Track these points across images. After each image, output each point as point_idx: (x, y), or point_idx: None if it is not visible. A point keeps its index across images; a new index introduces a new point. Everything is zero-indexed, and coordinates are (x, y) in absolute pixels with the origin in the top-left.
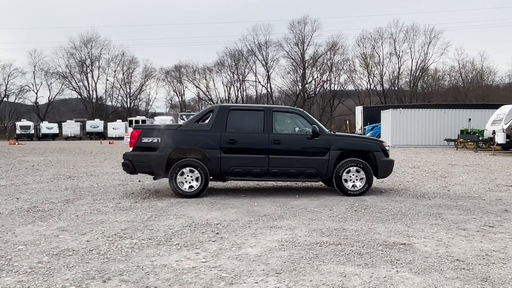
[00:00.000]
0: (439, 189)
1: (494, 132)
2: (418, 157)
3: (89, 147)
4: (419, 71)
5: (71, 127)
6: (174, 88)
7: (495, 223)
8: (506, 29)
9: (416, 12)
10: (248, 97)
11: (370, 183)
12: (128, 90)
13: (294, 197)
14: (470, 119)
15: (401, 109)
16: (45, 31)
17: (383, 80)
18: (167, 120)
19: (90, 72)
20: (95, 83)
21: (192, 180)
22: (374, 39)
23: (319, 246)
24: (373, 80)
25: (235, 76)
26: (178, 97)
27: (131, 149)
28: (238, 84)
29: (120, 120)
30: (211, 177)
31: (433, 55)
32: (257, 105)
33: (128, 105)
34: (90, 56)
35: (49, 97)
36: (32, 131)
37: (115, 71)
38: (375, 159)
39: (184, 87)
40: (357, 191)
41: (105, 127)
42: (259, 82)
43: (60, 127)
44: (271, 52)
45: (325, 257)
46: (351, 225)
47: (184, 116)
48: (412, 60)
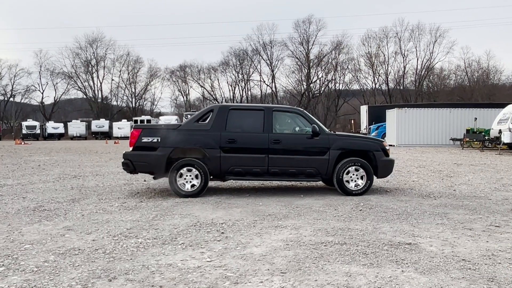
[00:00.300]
0: (444, 189)
1: (500, 131)
2: (424, 156)
3: (94, 147)
4: (424, 70)
5: (76, 127)
6: (179, 88)
7: (501, 223)
8: None
9: (421, 11)
10: (253, 97)
11: (371, 182)
12: (133, 90)
13: (299, 197)
14: (476, 118)
15: (406, 108)
16: (51, 32)
17: (388, 79)
18: (172, 120)
19: (96, 72)
20: (101, 83)
21: (192, 179)
22: (379, 38)
23: (324, 245)
24: (378, 80)
25: (240, 76)
26: (183, 97)
27: (131, 148)
28: (243, 84)
29: (125, 120)
30: (211, 177)
31: (438, 54)
32: (256, 104)
33: (133, 105)
34: (96, 56)
35: (54, 97)
36: (38, 131)
37: (120, 71)
38: (375, 159)
39: (189, 86)
40: (358, 191)
41: (110, 126)
42: (264, 81)
43: (66, 127)
44: (275, 51)
45: (330, 257)
46: (356, 224)
47: (189, 116)
48: (417, 59)
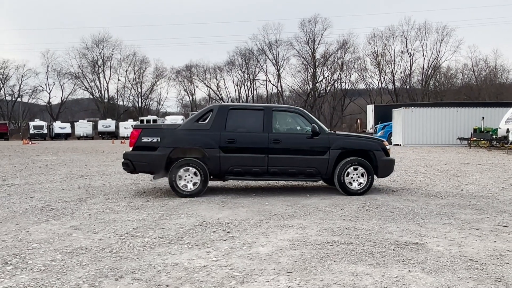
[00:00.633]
0: (451, 188)
1: (508, 131)
2: (431, 156)
3: (101, 147)
4: (431, 69)
5: (83, 126)
6: (185, 88)
7: (509, 222)
8: None
9: (428, 10)
10: (258, 96)
11: (371, 182)
12: (140, 90)
13: (305, 196)
14: (483, 117)
15: (413, 107)
16: (58, 32)
17: (395, 78)
18: (178, 120)
19: (102, 72)
20: (107, 83)
21: (192, 179)
22: (385, 37)
23: (330, 245)
24: (384, 79)
25: (246, 75)
26: (189, 97)
27: (131, 148)
28: (249, 83)
29: (132, 120)
30: (211, 177)
31: (445, 53)
32: (256, 104)
33: (140, 104)
34: (102, 56)
35: (61, 97)
36: (45, 131)
37: (126, 71)
38: (376, 158)
39: (195, 86)
40: (359, 190)
41: (116, 126)
42: (270, 81)
43: (73, 127)
44: (281, 51)
45: (337, 257)
46: (363, 224)
47: None
48: (424, 58)
